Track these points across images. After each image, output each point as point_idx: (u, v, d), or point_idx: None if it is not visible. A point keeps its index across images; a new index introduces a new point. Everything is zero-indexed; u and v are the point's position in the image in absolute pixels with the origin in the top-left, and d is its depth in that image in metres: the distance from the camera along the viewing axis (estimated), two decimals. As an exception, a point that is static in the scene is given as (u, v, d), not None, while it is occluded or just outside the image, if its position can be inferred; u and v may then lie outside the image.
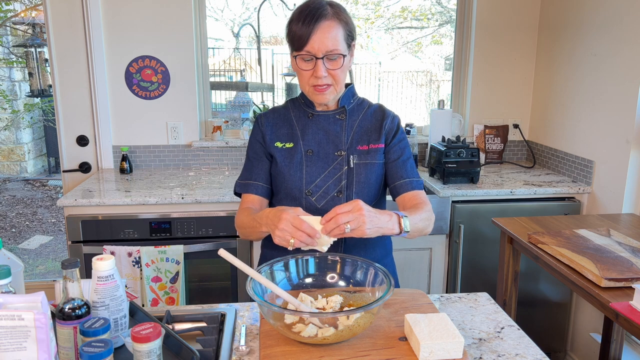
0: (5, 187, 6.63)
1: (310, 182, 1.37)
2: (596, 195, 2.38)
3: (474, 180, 2.45)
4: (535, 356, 1.06)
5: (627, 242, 1.67)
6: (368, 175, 1.38)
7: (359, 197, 1.38)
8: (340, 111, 1.41)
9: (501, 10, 2.84)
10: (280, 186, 1.41)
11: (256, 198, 1.42)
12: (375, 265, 1.15)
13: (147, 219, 2.21)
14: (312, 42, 1.25)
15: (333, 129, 1.39)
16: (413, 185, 1.39)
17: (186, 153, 2.81)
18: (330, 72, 1.29)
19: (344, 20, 1.30)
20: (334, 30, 1.26)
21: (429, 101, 4.70)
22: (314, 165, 1.38)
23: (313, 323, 1.04)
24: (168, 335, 1.02)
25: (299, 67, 1.30)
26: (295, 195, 1.38)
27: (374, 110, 1.45)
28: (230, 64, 3.58)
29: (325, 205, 1.37)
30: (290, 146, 1.40)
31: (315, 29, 1.25)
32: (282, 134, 1.42)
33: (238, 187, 1.46)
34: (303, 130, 1.40)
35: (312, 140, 1.39)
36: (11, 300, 0.84)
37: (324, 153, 1.38)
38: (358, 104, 1.45)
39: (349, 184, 1.37)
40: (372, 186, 1.40)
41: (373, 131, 1.41)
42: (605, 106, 2.30)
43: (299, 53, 1.28)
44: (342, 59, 1.29)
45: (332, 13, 1.27)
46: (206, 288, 2.33)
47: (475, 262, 2.44)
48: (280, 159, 1.39)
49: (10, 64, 6.60)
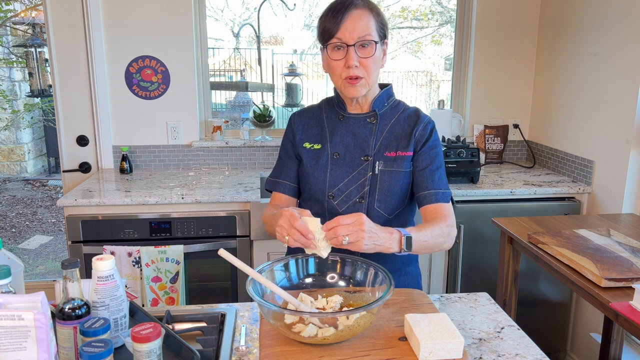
0: (5, 187, 6.63)
1: (334, 186, 1.36)
2: (596, 195, 2.38)
3: (474, 180, 2.45)
4: (535, 356, 1.06)
5: (627, 242, 1.67)
6: (392, 183, 1.34)
7: (381, 205, 1.35)
8: (371, 115, 1.37)
9: (501, 10, 2.84)
10: (305, 187, 1.41)
11: (283, 197, 1.43)
12: (375, 265, 1.15)
13: (147, 219, 2.21)
14: (344, 30, 1.24)
15: (362, 133, 1.37)
16: (438, 198, 1.33)
17: (186, 153, 2.81)
18: (362, 62, 1.26)
19: (375, 11, 1.29)
20: (365, 18, 1.26)
21: (429, 101, 4.70)
22: (339, 169, 1.36)
23: (313, 323, 1.04)
24: (168, 335, 1.02)
25: (330, 57, 1.28)
26: (318, 198, 1.37)
27: (408, 114, 1.39)
28: (230, 64, 3.58)
29: (346, 210, 1.34)
30: (318, 148, 1.39)
31: (345, 16, 1.24)
32: (312, 135, 1.41)
33: (268, 184, 1.47)
34: (332, 132, 1.39)
35: (340, 143, 1.37)
36: (11, 300, 0.84)
37: (350, 157, 1.36)
38: (392, 107, 1.40)
39: (372, 191, 1.34)
40: (396, 195, 1.35)
41: (403, 137, 1.36)
42: (605, 106, 2.30)
43: (330, 42, 1.26)
44: (374, 47, 1.26)
45: (362, 3, 1.27)
46: (206, 288, 2.33)
47: (475, 262, 2.44)
48: (306, 160, 1.39)
49: (10, 64, 6.60)
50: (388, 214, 1.37)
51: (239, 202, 2.26)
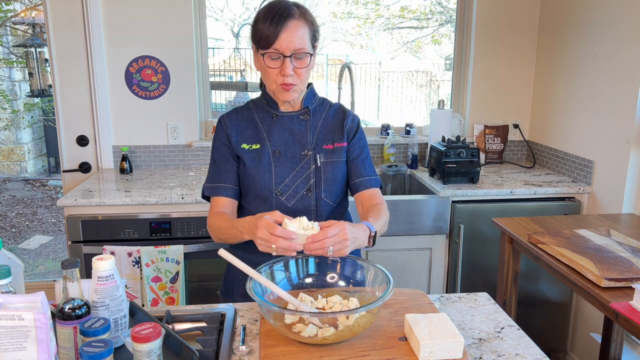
0: (5, 187, 6.63)
1: (280, 182, 1.39)
2: (596, 195, 2.38)
3: (474, 180, 2.45)
4: (535, 356, 1.06)
5: (627, 242, 1.67)
6: (335, 173, 1.42)
7: (327, 195, 1.42)
8: (304, 111, 1.43)
9: (501, 10, 2.84)
10: (250, 187, 1.41)
11: (227, 200, 1.42)
12: (376, 265, 1.16)
13: (147, 219, 2.21)
14: (280, 41, 1.28)
15: (298, 129, 1.42)
16: (371, 184, 1.45)
17: (186, 153, 2.81)
18: (297, 71, 1.32)
19: (310, 21, 1.33)
20: (301, 30, 1.30)
21: (429, 101, 4.70)
22: (282, 166, 1.40)
23: (313, 323, 1.04)
24: (168, 335, 1.02)
25: (267, 65, 1.32)
26: (265, 196, 1.39)
27: (335, 109, 1.49)
28: (230, 64, 3.58)
29: (295, 204, 1.39)
30: (257, 147, 1.41)
31: (283, 28, 1.27)
32: (248, 136, 1.43)
33: (206, 190, 1.45)
34: (268, 131, 1.42)
35: (278, 140, 1.41)
36: (11, 300, 0.84)
37: (291, 153, 1.41)
38: (319, 103, 1.48)
39: (317, 183, 1.40)
40: (339, 183, 1.44)
41: (336, 130, 1.45)
42: (605, 106, 2.31)
43: (267, 51, 1.30)
44: (308, 58, 1.33)
45: (298, 13, 1.31)
46: (206, 288, 2.33)
47: (475, 262, 2.44)
48: (248, 161, 1.40)
49: (10, 64, 6.60)
50: (333, 202, 1.44)
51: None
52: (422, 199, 2.34)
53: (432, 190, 2.43)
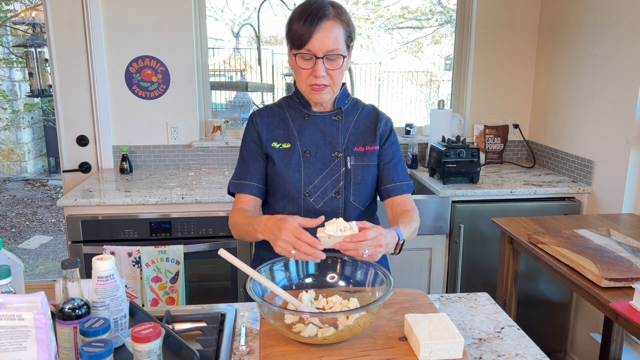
0: (5, 187, 6.63)
1: (309, 183, 1.37)
2: (596, 195, 2.38)
3: (474, 180, 2.45)
4: (535, 356, 1.06)
5: (627, 242, 1.67)
6: (365, 177, 1.40)
7: (356, 198, 1.39)
8: (336, 112, 1.41)
9: (501, 10, 2.84)
10: (278, 187, 1.40)
11: (250, 198, 1.42)
12: (375, 265, 1.15)
13: (147, 219, 2.21)
14: (313, 42, 1.25)
15: (330, 130, 1.40)
16: (403, 189, 1.43)
17: (186, 153, 2.81)
18: (329, 73, 1.30)
19: (345, 21, 1.30)
20: (335, 31, 1.27)
21: (429, 101, 4.70)
22: (312, 167, 1.38)
23: (313, 323, 1.04)
24: (168, 335, 1.02)
25: (298, 65, 1.30)
26: (293, 196, 1.38)
27: (368, 111, 1.46)
28: (230, 64, 3.58)
29: (323, 206, 1.37)
30: (288, 147, 1.40)
31: (317, 28, 1.25)
32: (279, 134, 1.41)
33: (232, 186, 1.45)
34: (300, 131, 1.40)
35: (309, 141, 1.39)
36: (11, 300, 0.84)
37: (322, 154, 1.39)
38: (352, 104, 1.45)
39: (347, 185, 1.38)
40: (368, 187, 1.42)
41: (368, 133, 1.42)
42: (605, 106, 2.30)
43: (299, 51, 1.28)
44: (341, 60, 1.30)
45: (334, 13, 1.28)
46: (206, 288, 2.33)
47: (475, 262, 2.44)
48: (277, 160, 1.39)
49: (10, 64, 6.60)
50: (361, 206, 1.42)
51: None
52: (422, 199, 2.34)
53: (432, 190, 2.43)
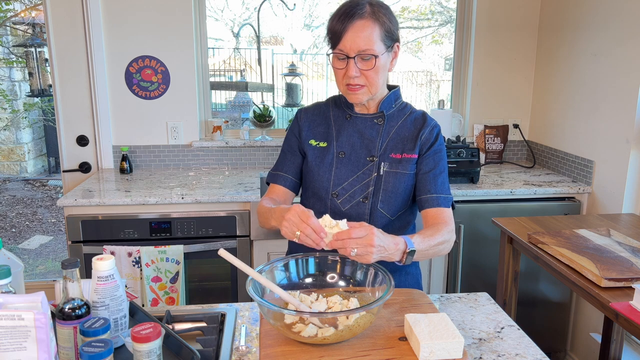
0: (5, 187, 6.63)
1: (338, 185, 1.36)
2: (596, 195, 2.38)
3: (474, 180, 2.45)
4: (535, 356, 1.06)
5: (627, 242, 1.67)
6: (396, 185, 1.35)
7: (384, 206, 1.35)
8: (378, 116, 1.38)
9: (501, 10, 2.84)
10: (309, 184, 1.41)
11: (282, 189, 1.43)
12: (376, 265, 1.15)
13: (147, 219, 2.21)
14: (345, 41, 1.24)
15: (369, 133, 1.37)
16: (439, 202, 1.34)
17: (186, 153, 2.81)
18: (364, 73, 1.27)
19: (382, 20, 1.26)
20: (368, 30, 1.24)
21: (429, 101, 4.70)
22: (344, 168, 1.37)
23: (313, 323, 1.04)
24: (168, 335, 1.02)
25: (333, 65, 1.30)
26: (322, 196, 1.38)
27: (415, 117, 1.40)
28: (230, 64, 3.58)
29: (349, 210, 1.35)
30: (324, 145, 1.40)
31: (348, 27, 1.23)
32: (318, 132, 1.41)
33: (268, 176, 1.47)
34: (339, 131, 1.39)
35: (346, 142, 1.38)
36: (11, 300, 0.84)
37: (356, 157, 1.37)
38: (400, 109, 1.41)
39: (376, 192, 1.35)
40: (400, 196, 1.36)
41: (409, 140, 1.37)
42: (605, 106, 2.30)
43: (333, 51, 1.28)
44: (374, 60, 1.26)
45: (369, 12, 1.24)
46: (206, 288, 2.33)
47: (475, 262, 2.44)
48: (311, 157, 1.39)
49: (10, 64, 6.60)
50: (391, 214, 1.37)
51: (239, 202, 2.26)
52: (422, 199, 2.34)
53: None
